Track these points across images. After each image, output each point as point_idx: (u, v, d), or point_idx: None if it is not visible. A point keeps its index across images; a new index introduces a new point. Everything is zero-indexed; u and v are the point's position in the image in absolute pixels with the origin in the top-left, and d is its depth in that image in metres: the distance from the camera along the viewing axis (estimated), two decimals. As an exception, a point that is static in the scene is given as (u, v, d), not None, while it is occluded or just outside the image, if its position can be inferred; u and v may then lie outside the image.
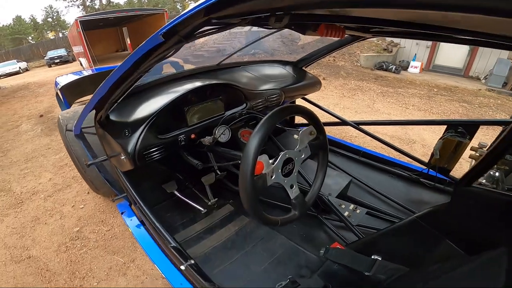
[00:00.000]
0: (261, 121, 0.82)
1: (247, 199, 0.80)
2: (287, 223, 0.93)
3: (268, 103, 1.72)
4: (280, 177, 0.91)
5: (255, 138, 0.78)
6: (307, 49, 2.25)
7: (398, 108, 4.56)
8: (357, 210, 1.47)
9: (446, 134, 1.57)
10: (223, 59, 1.90)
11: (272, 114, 0.84)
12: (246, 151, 0.77)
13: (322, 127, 1.02)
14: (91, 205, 2.27)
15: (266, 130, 0.80)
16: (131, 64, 0.77)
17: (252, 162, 0.76)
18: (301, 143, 0.97)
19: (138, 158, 1.15)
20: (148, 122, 1.19)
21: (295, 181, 0.96)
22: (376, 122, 2.27)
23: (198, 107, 1.37)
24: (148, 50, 0.68)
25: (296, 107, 0.96)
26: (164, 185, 1.74)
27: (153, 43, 0.65)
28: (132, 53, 0.73)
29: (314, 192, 1.05)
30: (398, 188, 1.77)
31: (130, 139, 1.14)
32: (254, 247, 1.42)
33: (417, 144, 3.31)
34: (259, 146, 0.77)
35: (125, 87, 0.93)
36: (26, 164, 3.20)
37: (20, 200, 2.49)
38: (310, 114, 0.97)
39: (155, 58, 0.74)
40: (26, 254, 1.87)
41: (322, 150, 1.06)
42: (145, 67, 0.80)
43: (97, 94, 0.98)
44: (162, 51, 0.69)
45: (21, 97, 7.09)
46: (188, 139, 1.33)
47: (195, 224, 1.62)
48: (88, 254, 1.81)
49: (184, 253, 1.12)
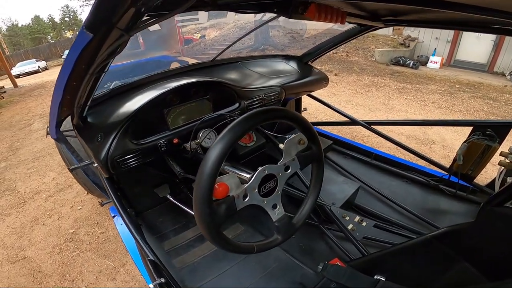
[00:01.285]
0: (226, 129, 0.63)
1: (204, 230, 0.64)
2: (266, 249, 0.77)
3: (266, 101, 1.57)
4: (257, 198, 0.73)
5: (214, 151, 0.61)
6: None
7: (416, 106, 4.28)
8: (363, 222, 1.30)
9: (472, 137, 1.38)
10: (217, 54, 1.76)
11: (241, 121, 0.66)
12: (200, 169, 0.60)
13: (315, 134, 0.83)
14: (88, 207, 2.23)
15: (230, 141, 0.62)
16: (72, 68, 0.64)
17: (207, 185, 0.59)
18: (286, 154, 0.78)
19: (112, 166, 1.05)
20: (122, 126, 1.07)
21: (279, 200, 0.78)
22: (392, 122, 2.05)
23: (181, 108, 1.24)
24: (83, 48, 0.54)
25: (276, 110, 0.77)
26: (156, 189, 1.64)
27: (84, 41, 0.52)
28: (67, 55, 0.61)
29: (304, 213, 0.86)
30: (414, 195, 1.59)
31: (103, 145, 1.04)
32: (246, 258, 1.30)
33: (437, 145, 3.06)
34: (218, 163, 0.60)
35: (86, 90, 0.82)
36: (33, 163, 3.23)
37: (23, 199, 2.49)
38: (298, 119, 0.78)
39: (100, 56, 0.61)
40: (21, 255, 1.85)
41: (316, 162, 0.87)
42: (94, 67, 0.67)
43: (55, 98, 0.88)
44: (105, 48, 0.57)
45: (37, 95, 7.29)
46: (170, 144, 1.21)
47: (187, 230, 1.52)
48: (80, 257, 1.77)
49: (161, 267, 1.01)
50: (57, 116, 1.03)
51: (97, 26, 0.47)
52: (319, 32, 6.58)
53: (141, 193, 1.66)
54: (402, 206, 1.48)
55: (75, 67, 0.62)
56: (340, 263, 1.02)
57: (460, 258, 0.89)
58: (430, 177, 1.63)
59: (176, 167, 1.20)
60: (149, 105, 1.13)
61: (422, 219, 1.39)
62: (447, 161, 1.63)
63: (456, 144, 3.09)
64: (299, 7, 0.67)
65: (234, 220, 1.55)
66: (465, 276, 0.86)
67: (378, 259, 1.05)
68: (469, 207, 1.43)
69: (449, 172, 1.49)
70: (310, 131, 0.81)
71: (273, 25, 8.40)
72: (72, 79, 0.70)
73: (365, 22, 1.24)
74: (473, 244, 0.91)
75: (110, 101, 1.29)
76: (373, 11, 1.13)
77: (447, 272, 0.89)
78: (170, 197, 1.61)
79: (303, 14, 0.68)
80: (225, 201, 0.66)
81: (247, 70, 1.76)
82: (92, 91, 0.86)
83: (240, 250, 0.72)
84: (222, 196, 0.65)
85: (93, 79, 0.74)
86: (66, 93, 0.79)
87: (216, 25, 10.53)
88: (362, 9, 1.06)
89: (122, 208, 1.20)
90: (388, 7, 1.01)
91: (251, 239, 1.42)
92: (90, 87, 0.81)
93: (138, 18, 0.48)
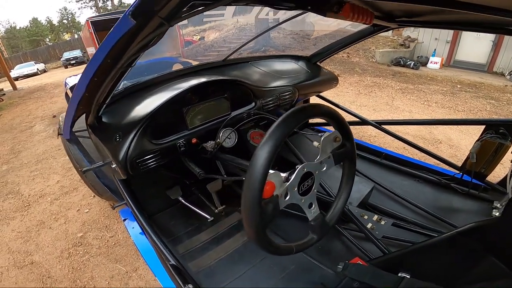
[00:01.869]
0: (272, 127, 0.62)
1: (252, 231, 0.62)
2: (303, 249, 0.77)
3: (280, 101, 1.56)
4: (297, 197, 0.72)
5: (263, 151, 0.59)
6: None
7: (420, 106, 4.28)
8: (381, 221, 1.30)
9: (485, 136, 1.40)
10: (229, 53, 1.74)
11: (287, 117, 0.64)
12: (251, 168, 0.59)
13: (350, 132, 0.82)
14: (96, 210, 2.19)
15: (279, 139, 0.60)
16: (103, 57, 0.62)
17: (259, 185, 0.58)
18: (323, 152, 0.77)
19: (131, 167, 1.02)
20: (142, 125, 1.04)
21: (315, 199, 0.78)
22: (403, 122, 2.04)
23: (199, 107, 1.22)
24: (121, 37, 0.53)
25: (318, 106, 0.75)
26: (168, 191, 1.61)
27: (125, 28, 0.50)
28: (102, 43, 0.58)
29: (337, 211, 0.86)
30: (426, 194, 1.58)
31: (121, 145, 1.01)
32: (263, 261, 1.28)
33: (443, 144, 3.05)
34: (269, 162, 0.58)
35: (109, 86, 0.79)
36: (36, 165, 3.19)
37: (28, 203, 2.46)
38: (335, 115, 0.77)
39: (134, 48, 0.59)
40: (29, 260, 1.81)
41: (349, 160, 0.85)
42: (124, 60, 0.65)
43: (76, 95, 0.86)
44: (141, 38, 0.55)
45: (37, 98, 7.24)
46: (189, 144, 1.19)
47: (201, 233, 1.49)
48: (90, 262, 1.73)
49: (184, 272, 0.98)
50: (73, 115, 1.01)
51: (141, 13, 0.45)
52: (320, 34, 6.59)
53: (152, 195, 1.64)
54: (416, 204, 1.47)
55: (106, 58, 0.60)
56: (362, 262, 1.00)
57: (487, 254, 0.88)
58: (441, 175, 1.62)
59: (195, 168, 1.18)
60: (169, 103, 1.11)
61: (438, 217, 1.38)
62: (455, 160, 1.64)
63: (462, 143, 3.09)
64: (334, 6, 0.66)
65: None
66: (493, 271, 0.84)
67: (400, 257, 1.03)
68: (482, 205, 1.42)
69: (461, 170, 1.49)
70: (346, 128, 0.80)
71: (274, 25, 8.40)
72: (97, 74, 0.68)
73: (379, 23, 1.23)
74: (500, 239, 0.89)
75: (123, 100, 1.27)
76: (388, 12, 1.13)
77: (474, 268, 0.88)
78: (182, 199, 1.59)
79: (337, 13, 0.67)
80: (271, 200, 0.65)
81: (259, 69, 1.74)
82: (114, 87, 0.84)
83: (281, 252, 0.71)
84: (269, 195, 0.64)
85: (119, 74, 0.72)
86: (88, 89, 0.76)
87: (214, 27, 10.51)
88: (378, 10, 1.05)
89: (139, 211, 1.18)
90: (405, 7, 1.00)
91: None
92: (113, 83, 0.79)
93: (182, 6, 0.46)
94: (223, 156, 1.20)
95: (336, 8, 0.67)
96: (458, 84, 5.49)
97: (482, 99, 4.64)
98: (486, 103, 4.47)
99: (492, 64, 6.72)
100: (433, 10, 0.86)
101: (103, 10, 30.34)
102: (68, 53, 17.06)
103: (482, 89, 5.26)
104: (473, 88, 5.26)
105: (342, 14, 0.68)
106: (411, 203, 1.49)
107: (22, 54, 21.77)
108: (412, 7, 0.92)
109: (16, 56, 21.61)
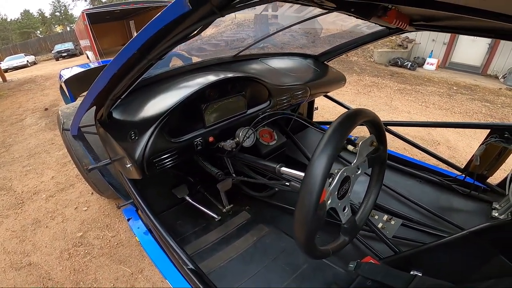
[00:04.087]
0: (327, 134, 0.61)
1: (305, 236, 0.63)
2: (338, 251, 0.77)
3: (293, 100, 1.53)
4: (336, 201, 0.72)
5: (322, 159, 0.58)
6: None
7: (418, 107, 4.32)
8: (391, 221, 1.32)
9: (489, 139, 1.43)
10: (241, 49, 1.69)
11: (341, 123, 0.63)
12: (310, 176, 0.58)
13: (385, 137, 0.83)
14: (95, 208, 2.12)
15: (336, 147, 0.60)
16: (138, 47, 0.58)
17: (318, 192, 0.57)
18: (359, 156, 0.77)
19: (148, 166, 0.98)
20: (160, 122, 1.00)
21: (348, 202, 0.78)
22: (408, 124, 2.06)
23: (217, 104, 1.18)
24: (169, 23, 0.49)
25: (365, 111, 0.76)
26: (174, 189, 1.57)
27: (176, 13, 0.46)
28: (142, 30, 0.54)
29: (365, 213, 0.86)
30: (428, 194, 1.60)
31: (137, 143, 0.96)
32: (275, 260, 1.26)
33: (441, 146, 3.09)
34: (328, 170, 0.58)
35: (131, 79, 0.75)
36: (28, 160, 3.07)
37: (21, 200, 2.36)
38: (375, 121, 0.78)
39: (175, 37, 0.55)
40: (26, 261, 1.74)
41: (380, 163, 0.86)
42: (158, 51, 0.61)
43: (95, 88, 0.81)
44: (186, 26, 0.51)
45: (27, 90, 7.00)
46: (206, 142, 1.15)
47: (209, 233, 1.46)
48: (92, 263, 1.67)
49: (204, 275, 0.95)
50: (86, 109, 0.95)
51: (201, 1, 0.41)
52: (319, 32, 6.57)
53: (158, 194, 1.59)
54: (419, 204, 1.48)
55: (141, 50, 0.56)
56: (374, 261, 1.00)
57: (497, 253, 0.90)
58: (443, 176, 1.65)
59: (212, 168, 1.14)
60: (188, 99, 1.07)
61: (440, 217, 1.40)
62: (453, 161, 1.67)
63: (459, 145, 3.13)
64: (380, 11, 0.64)
65: (257, 221, 1.51)
66: (502, 270, 0.87)
67: (411, 256, 1.05)
68: (482, 206, 1.45)
69: (463, 172, 1.53)
70: (383, 133, 0.81)
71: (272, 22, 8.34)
72: (126, 65, 0.64)
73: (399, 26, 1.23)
74: (510, 240, 0.92)
75: (133, 94, 1.21)
76: (408, 16, 1.12)
77: (484, 266, 0.91)
78: (188, 198, 1.55)
79: (381, 18, 0.65)
80: (322, 206, 0.65)
81: (269, 67, 1.70)
82: (135, 82, 0.79)
83: (321, 255, 0.72)
84: (322, 201, 0.64)
85: (147, 66, 0.68)
86: (111, 81, 0.71)
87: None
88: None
89: (150, 210, 1.13)
90: (427, 13, 0.99)
91: (278, 239, 1.38)
92: (137, 76, 0.75)
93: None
94: (241, 156, 1.16)
95: (381, 12, 0.65)
96: (454, 86, 5.56)
97: (478, 102, 4.72)
98: (481, 106, 4.54)
99: (486, 67, 6.84)
100: (452, 16, 0.86)
101: (98, 2, 29.61)
102: (60, 45, 16.66)
103: (477, 91, 5.35)
104: (469, 91, 5.35)
105: (387, 19, 0.67)
106: (415, 203, 1.50)
107: (12, 46, 21.25)
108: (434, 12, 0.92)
109: (6, 48, 21.08)
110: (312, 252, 0.68)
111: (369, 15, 0.68)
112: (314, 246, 0.68)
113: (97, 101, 0.90)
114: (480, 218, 1.36)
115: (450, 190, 1.58)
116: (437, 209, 1.45)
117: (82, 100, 0.95)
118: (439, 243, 1.03)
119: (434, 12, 0.92)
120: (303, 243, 0.64)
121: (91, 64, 3.29)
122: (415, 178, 1.72)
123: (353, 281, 0.98)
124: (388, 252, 1.18)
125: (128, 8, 9.69)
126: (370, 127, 0.79)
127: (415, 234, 1.32)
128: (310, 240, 0.64)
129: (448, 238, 1.05)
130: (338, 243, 0.78)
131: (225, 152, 1.16)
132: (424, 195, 1.57)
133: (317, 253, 0.70)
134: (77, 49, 15.81)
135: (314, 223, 0.61)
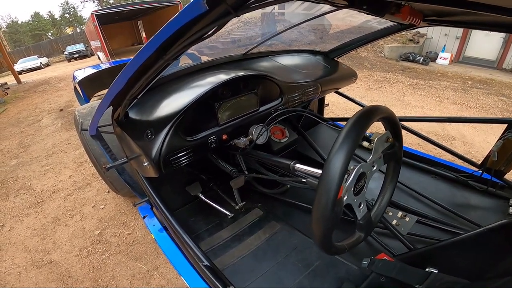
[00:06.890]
0: (345, 131, 0.62)
1: (321, 233, 0.63)
2: (353, 247, 0.78)
3: (304, 97, 1.53)
4: (351, 197, 0.72)
5: (340, 156, 0.59)
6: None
7: (432, 102, 4.22)
8: (406, 218, 1.29)
9: (507, 134, 1.38)
10: (251, 47, 1.70)
11: (358, 120, 0.64)
12: (328, 172, 0.59)
13: (401, 133, 0.82)
14: (111, 206, 2.17)
15: (353, 143, 0.60)
16: (156, 48, 0.60)
17: (337, 188, 0.58)
18: (375, 153, 0.77)
19: (164, 164, 0.99)
20: (175, 121, 1.01)
21: (364, 198, 0.78)
22: (422, 119, 2.00)
23: (230, 102, 1.19)
24: (186, 23, 0.50)
25: (382, 108, 0.75)
26: (188, 187, 1.59)
27: (193, 13, 0.47)
28: (160, 31, 0.55)
29: (381, 209, 0.86)
30: (443, 191, 1.56)
31: (154, 142, 0.98)
32: (287, 257, 1.26)
33: (457, 141, 3.01)
34: (345, 167, 0.59)
35: (148, 79, 0.76)
36: (46, 160, 3.17)
37: (41, 198, 2.44)
38: (392, 117, 0.77)
39: (191, 38, 0.56)
40: (47, 259, 1.80)
41: (396, 160, 0.85)
42: (175, 51, 0.62)
43: (113, 89, 0.82)
44: (202, 27, 0.52)
45: (42, 91, 7.20)
46: (220, 140, 1.16)
47: (222, 230, 1.47)
48: (110, 260, 1.71)
49: (221, 274, 0.96)
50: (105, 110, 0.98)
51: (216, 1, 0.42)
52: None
53: (173, 191, 1.61)
54: (434, 201, 1.45)
55: (158, 50, 0.57)
56: (388, 258, 0.99)
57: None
58: (459, 172, 1.60)
59: (226, 166, 1.15)
60: (202, 98, 1.08)
61: (457, 214, 1.36)
62: (469, 157, 1.62)
63: (476, 140, 3.05)
64: (393, 7, 0.63)
65: (270, 218, 1.51)
66: None
67: (426, 254, 1.03)
68: (499, 203, 1.41)
69: (481, 168, 1.48)
70: (399, 129, 0.80)
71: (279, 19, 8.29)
72: (144, 65, 0.65)
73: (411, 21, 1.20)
74: None
75: (148, 94, 1.24)
76: (420, 11, 1.10)
77: (500, 264, 0.89)
78: (201, 196, 1.57)
79: (394, 14, 0.64)
80: (339, 203, 0.65)
81: (280, 64, 1.70)
82: (151, 82, 0.81)
83: (337, 251, 0.72)
84: (339, 197, 0.63)
85: (163, 67, 0.70)
86: (129, 82, 0.73)
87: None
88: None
89: (167, 209, 1.15)
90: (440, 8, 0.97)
91: (290, 236, 1.38)
92: (154, 76, 0.76)
93: None
94: (255, 153, 1.17)
95: (394, 9, 0.64)
96: (469, 81, 5.40)
97: (494, 96, 4.57)
98: (497, 100, 4.40)
99: (502, 61, 6.62)
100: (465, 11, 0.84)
101: (106, 4, 30.06)
102: (71, 47, 17.00)
103: (493, 86, 5.18)
104: (484, 85, 5.19)
105: (400, 16, 0.66)
106: (430, 200, 1.47)
107: (25, 48, 21.75)
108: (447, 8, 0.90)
109: (19, 50, 21.60)
110: (329, 248, 0.69)
111: (382, 12, 0.67)
112: (331, 242, 0.69)
113: (114, 102, 0.93)
114: (497, 215, 1.33)
115: (466, 187, 1.54)
116: (452, 205, 1.42)
117: (101, 101, 0.98)
118: (455, 240, 1.02)
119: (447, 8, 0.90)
120: (321, 239, 0.65)
121: (102, 65, 3.36)
122: (430, 174, 1.68)
123: (367, 278, 0.98)
124: (403, 249, 1.17)
125: (136, 8, 9.82)
126: (387, 123, 0.79)
127: (430, 231, 1.30)
128: (327, 235, 0.65)
129: (464, 235, 1.03)
130: (354, 239, 0.78)
131: (238, 149, 1.17)
132: (439, 191, 1.54)
133: (333, 249, 0.70)
134: (88, 50, 16.13)
135: (331, 219, 0.62)
